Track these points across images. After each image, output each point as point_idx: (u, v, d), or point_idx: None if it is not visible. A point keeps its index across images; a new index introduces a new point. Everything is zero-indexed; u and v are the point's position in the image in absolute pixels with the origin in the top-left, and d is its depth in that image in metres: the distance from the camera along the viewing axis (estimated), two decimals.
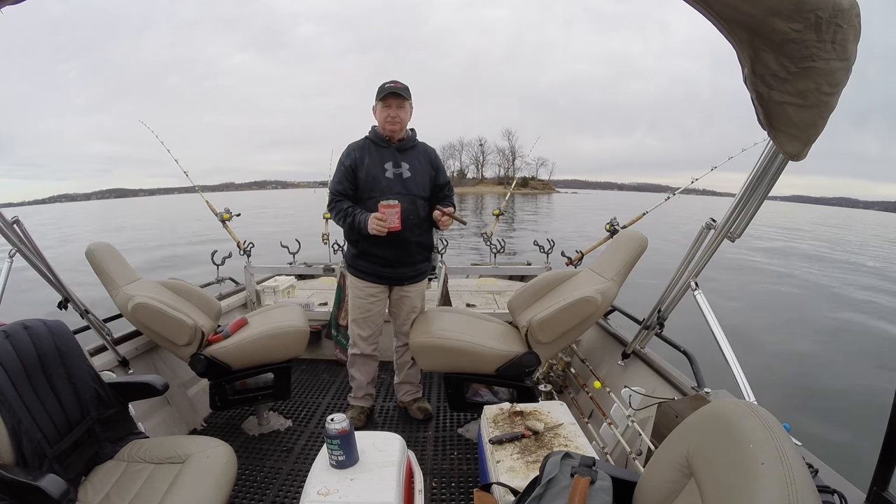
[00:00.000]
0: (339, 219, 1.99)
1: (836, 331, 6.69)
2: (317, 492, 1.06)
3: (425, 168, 2.07)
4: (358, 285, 2.10)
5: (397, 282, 2.10)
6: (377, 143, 2.03)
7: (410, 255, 2.06)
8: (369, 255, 2.03)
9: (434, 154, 2.15)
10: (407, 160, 2.03)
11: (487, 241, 4.29)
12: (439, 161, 2.16)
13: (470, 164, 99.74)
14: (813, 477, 0.91)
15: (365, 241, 1.99)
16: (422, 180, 2.05)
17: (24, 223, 1.61)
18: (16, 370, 1.10)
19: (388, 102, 1.94)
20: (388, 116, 1.95)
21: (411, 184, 2.02)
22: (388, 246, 1.97)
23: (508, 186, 5.62)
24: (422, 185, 2.04)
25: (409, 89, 1.98)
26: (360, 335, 2.17)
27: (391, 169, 2.00)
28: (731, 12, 0.72)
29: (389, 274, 2.06)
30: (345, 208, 1.96)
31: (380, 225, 1.84)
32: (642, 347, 2.01)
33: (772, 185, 1.21)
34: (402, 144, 2.04)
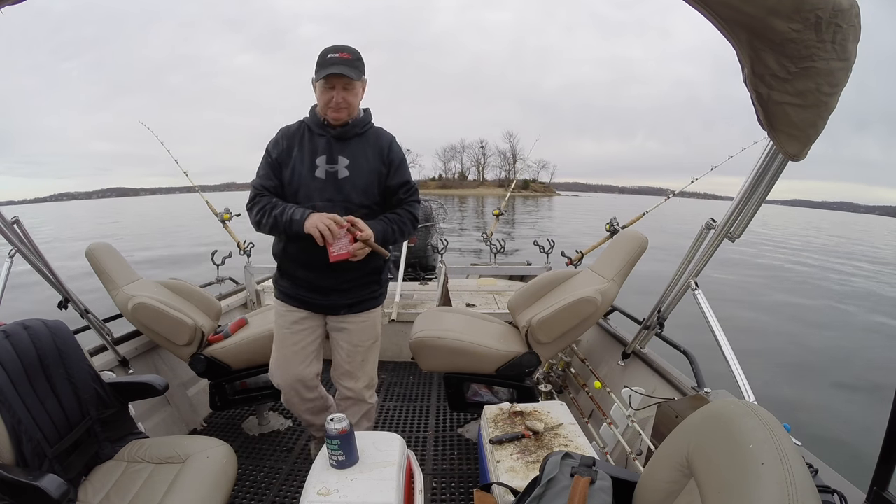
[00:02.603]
0: (261, 215, 1.43)
1: (836, 330, 6.68)
2: (317, 492, 1.05)
3: (373, 165, 1.50)
4: (279, 310, 1.59)
5: (331, 310, 1.58)
6: (312, 130, 1.50)
7: (346, 282, 1.52)
8: (292, 277, 1.55)
9: (389, 144, 1.55)
10: (348, 153, 1.48)
11: (487, 242, 4.30)
12: (396, 153, 1.55)
13: (471, 165, 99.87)
14: (813, 477, 0.91)
15: (287, 259, 1.54)
16: (364, 181, 1.48)
17: (23, 223, 1.61)
18: (16, 370, 1.10)
19: (331, 83, 1.40)
20: (329, 101, 1.42)
21: (348, 186, 1.47)
22: (315, 267, 1.47)
23: (509, 188, 5.62)
24: (363, 188, 1.48)
25: (362, 60, 1.46)
26: (276, 367, 1.63)
27: (323, 165, 1.46)
28: (730, 12, 0.73)
29: (319, 301, 1.55)
30: (271, 201, 1.44)
31: (325, 225, 1.33)
32: (642, 347, 2.01)
33: (771, 185, 1.21)
34: (345, 131, 1.48)
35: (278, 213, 1.41)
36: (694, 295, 1.60)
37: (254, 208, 1.47)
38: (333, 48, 1.42)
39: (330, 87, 1.41)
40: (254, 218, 1.47)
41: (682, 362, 1.76)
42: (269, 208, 1.43)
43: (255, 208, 1.46)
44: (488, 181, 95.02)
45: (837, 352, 5.72)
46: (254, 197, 1.48)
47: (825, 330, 6.68)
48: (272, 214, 1.42)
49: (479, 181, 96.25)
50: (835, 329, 6.78)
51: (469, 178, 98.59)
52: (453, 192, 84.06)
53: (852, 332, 6.66)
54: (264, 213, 1.43)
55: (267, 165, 1.50)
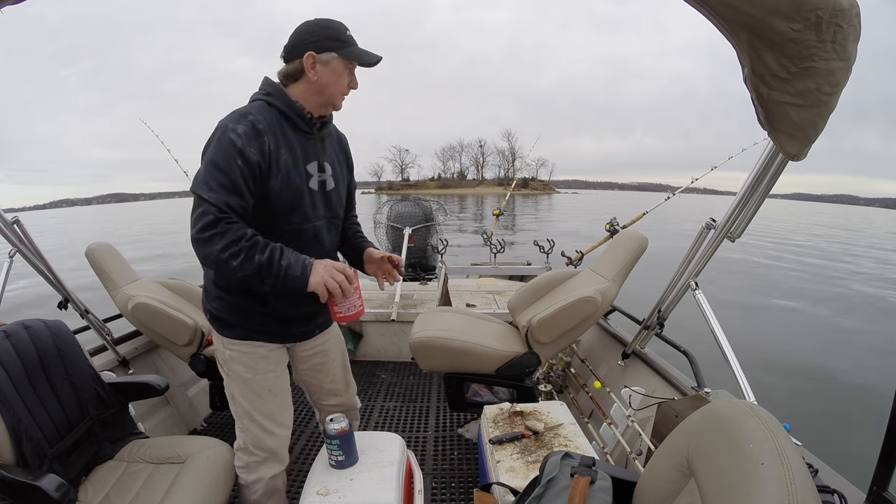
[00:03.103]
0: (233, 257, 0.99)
1: (836, 329, 6.69)
2: (316, 492, 1.06)
3: (345, 170, 1.32)
4: (244, 350, 1.20)
5: (304, 336, 1.33)
6: (296, 125, 1.14)
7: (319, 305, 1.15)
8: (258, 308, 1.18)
9: (347, 142, 1.35)
10: (328, 157, 1.23)
11: (487, 241, 4.30)
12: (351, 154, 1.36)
13: (470, 165, 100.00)
14: (813, 477, 0.91)
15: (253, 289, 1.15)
16: (343, 192, 1.30)
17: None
18: (16, 370, 1.10)
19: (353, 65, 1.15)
20: (351, 84, 1.17)
21: (335, 200, 1.26)
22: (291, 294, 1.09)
23: (508, 187, 5.63)
24: (342, 201, 1.31)
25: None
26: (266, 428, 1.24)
27: (315, 174, 1.18)
28: (731, 12, 0.72)
29: (295, 329, 1.29)
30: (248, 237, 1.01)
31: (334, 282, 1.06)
32: (642, 347, 2.01)
33: (772, 184, 1.22)
34: (328, 129, 1.24)
35: (264, 262, 1.00)
36: (694, 295, 1.60)
37: (216, 241, 0.97)
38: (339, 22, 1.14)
39: (352, 68, 1.16)
40: (217, 254, 0.98)
41: (682, 362, 1.76)
42: (247, 249, 0.99)
43: (219, 242, 0.98)
44: (487, 180, 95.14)
45: (838, 351, 5.72)
46: (214, 222, 0.97)
47: (826, 329, 6.68)
48: (254, 261, 0.99)
49: (478, 180, 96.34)
50: (836, 328, 6.79)
51: (468, 177, 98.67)
52: (453, 191, 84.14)
53: (853, 331, 6.66)
54: (239, 255, 0.99)
55: (237, 172, 1.01)
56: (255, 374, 1.21)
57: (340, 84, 1.14)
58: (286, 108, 1.12)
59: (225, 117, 1.06)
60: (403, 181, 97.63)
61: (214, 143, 1.03)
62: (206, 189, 1.00)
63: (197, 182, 1.02)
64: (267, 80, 1.16)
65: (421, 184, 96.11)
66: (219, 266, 1.03)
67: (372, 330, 3.00)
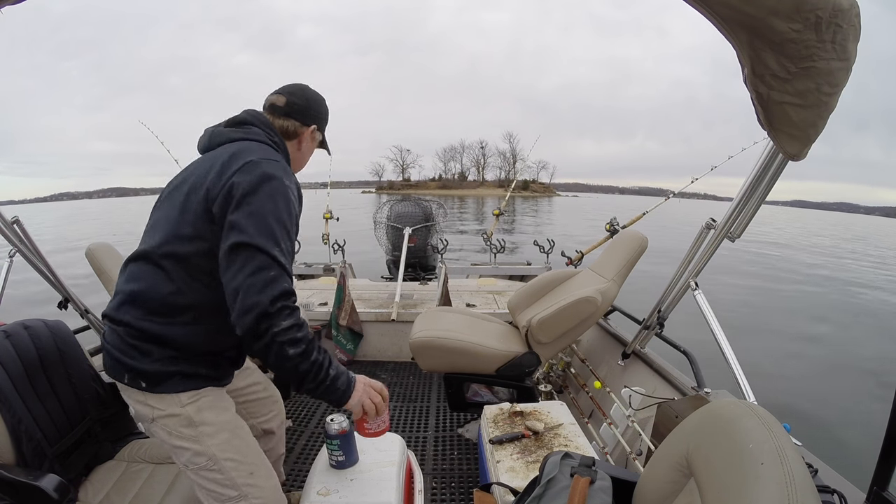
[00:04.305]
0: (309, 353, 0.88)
1: (837, 329, 6.69)
2: (317, 492, 1.05)
3: None
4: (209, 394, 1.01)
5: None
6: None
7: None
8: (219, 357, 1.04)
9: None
10: None
11: (487, 242, 4.30)
12: None
13: (471, 166, 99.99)
14: (813, 477, 0.91)
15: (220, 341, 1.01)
16: None
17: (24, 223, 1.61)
18: (16, 370, 1.10)
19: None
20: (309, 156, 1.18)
21: None
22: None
23: (509, 189, 5.63)
24: None
25: None
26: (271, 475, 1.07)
27: None
28: (731, 12, 0.73)
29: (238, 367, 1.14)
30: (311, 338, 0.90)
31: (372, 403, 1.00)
32: (642, 347, 2.01)
33: (771, 185, 1.22)
34: None
35: (319, 363, 0.90)
36: (694, 295, 1.60)
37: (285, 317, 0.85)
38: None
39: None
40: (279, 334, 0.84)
41: (682, 362, 1.76)
42: (308, 342, 0.88)
43: (288, 319, 0.85)
44: (488, 181, 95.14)
45: (838, 351, 5.72)
46: (288, 293, 0.87)
47: (826, 329, 6.68)
48: (310, 358, 0.88)
49: (479, 182, 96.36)
50: (836, 328, 6.78)
51: (469, 178, 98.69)
52: (453, 192, 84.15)
53: (853, 331, 6.66)
54: (299, 345, 0.86)
55: (295, 235, 0.95)
56: (234, 416, 1.05)
57: (307, 157, 1.17)
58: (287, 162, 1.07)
59: (269, 165, 0.91)
60: (404, 181, 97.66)
61: (275, 197, 0.88)
62: (280, 251, 0.86)
63: (263, 236, 0.85)
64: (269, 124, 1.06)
65: (422, 184, 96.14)
66: (268, 349, 0.84)
67: (372, 330, 3.00)
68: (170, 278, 0.93)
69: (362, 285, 3.92)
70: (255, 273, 0.83)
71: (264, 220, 0.86)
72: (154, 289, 0.93)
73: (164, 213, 0.97)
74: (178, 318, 0.94)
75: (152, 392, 0.94)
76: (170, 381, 0.95)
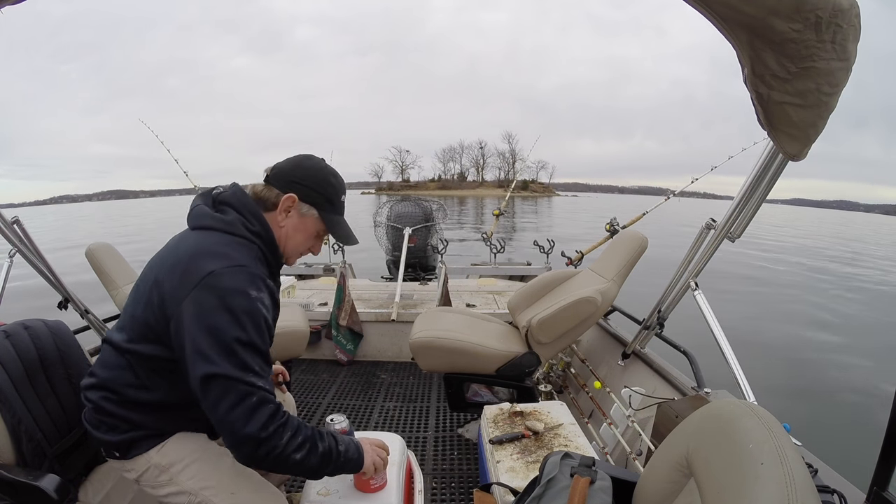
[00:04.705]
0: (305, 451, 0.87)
1: (836, 329, 6.69)
2: (317, 492, 1.06)
3: None
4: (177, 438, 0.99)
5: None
6: (272, 269, 1.01)
7: None
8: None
9: None
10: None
11: (487, 242, 4.30)
12: None
13: (470, 166, 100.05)
14: (813, 477, 0.91)
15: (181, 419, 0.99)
16: None
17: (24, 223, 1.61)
18: (16, 370, 1.10)
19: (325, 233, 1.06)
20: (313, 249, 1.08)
21: None
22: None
23: (508, 189, 5.63)
24: None
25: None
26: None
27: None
28: (730, 12, 0.73)
29: None
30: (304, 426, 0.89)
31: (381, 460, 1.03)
32: (642, 347, 2.01)
33: (771, 185, 1.22)
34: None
35: (326, 450, 0.90)
36: (694, 295, 1.60)
37: (281, 433, 0.84)
38: (342, 183, 1.04)
39: (323, 235, 1.06)
40: (282, 449, 0.84)
41: (682, 362, 1.76)
42: (310, 438, 0.88)
43: (284, 434, 0.84)
44: (487, 182, 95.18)
45: (838, 351, 5.72)
46: (276, 412, 0.84)
47: (826, 329, 6.68)
48: (318, 450, 0.88)
49: (478, 182, 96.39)
50: (836, 328, 6.78)
51: (468, 178, 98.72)
52: (453, 192, 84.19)
53: (854, 331, 6.66)
54: (304, 446, 0.86)
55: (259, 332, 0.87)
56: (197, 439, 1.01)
57: (306, 243, 1.03)
58: (272, 255, 0.99)
59: (233, 274, 0.85)
60: (403, 182, 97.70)
61: (239, 316, 0.83)
62: (254, 375, 0.82)
63: (232, 365, 0.81)
64: (251, 207, 0.96)
65: (421, 184, 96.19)
66: (277, 462, 0.84)
67: (372, 330, 3.00)
68: (135, 373, 0.93)
69: (362, 285, 3.92)
70: (236, 406, 0.81)
71: (230, 347, 0.81)
72: (121, 379, 0.93)
73: (132, 307, 0.94)
74: (146, 408, 0.95)
75: (126, 459, 0.96)
76: (139, 444, 0.95)
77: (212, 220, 0.94)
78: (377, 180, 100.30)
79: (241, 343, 0.82)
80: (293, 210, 0.98)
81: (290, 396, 1.39)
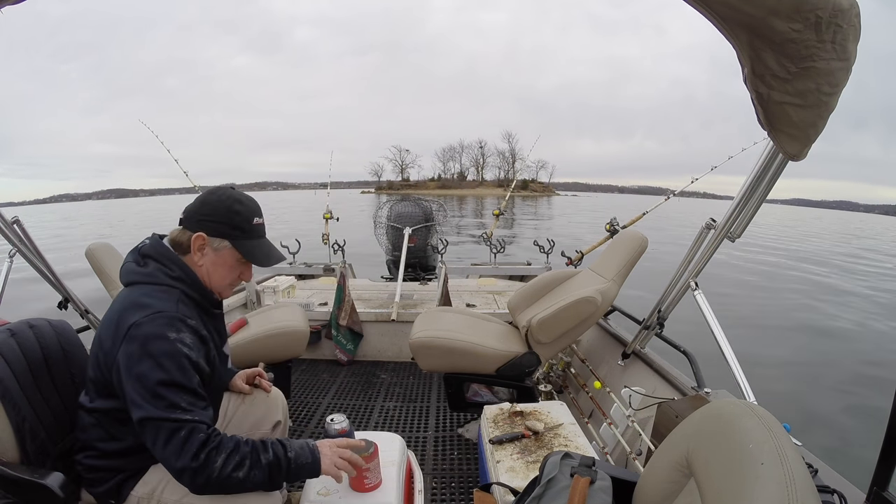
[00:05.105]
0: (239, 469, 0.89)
1: (837, 329, 6.69)
2: (317, 492, 1.06)
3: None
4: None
5: None
6: (203, 307, 1.07)
7: None
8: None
9: None
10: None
11: (487, 242, 4.30)
12: None
13: (470, 166, 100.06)
14: (813, 477, 0.91)
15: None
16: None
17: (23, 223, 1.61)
18: (21, 369, 1.10)
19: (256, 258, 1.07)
20: (243, 276, 1.10)
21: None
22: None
23: (508, 188, 5.63)
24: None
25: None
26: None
27: (227, 349, 1.21)
28: (730, 12, 0.73)
29: None
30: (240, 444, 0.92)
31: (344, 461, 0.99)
32: (642, 347, 2.01)
33: (771, 185, 1.22)
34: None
35: (272, 460, 0.92)
36: (694, 295, 1.60)
37: (214, 458, 0.88)
38: (252, 206, 1.06)
39: (245, 261, 1.07)
40: (219, 472, 0.87)
41: (682, 362, 1.76)
42: (250, 453, 0.91)
43: (217, 457, 0.88)
44: (487, 181, 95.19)
45: (838, 351, 5.72)
46: (206, 440, 0.88)
47: (826, 330, 6.68)
48: (261, 463, 0.91)
49: (478, 181, 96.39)
50: (836, 328, 6.78)
51: (468, 178, 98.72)
52: (452, 192, 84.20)
53: (854, 331, 6.65)
54: (244, 464, 0.90)
55: (198, 387, 0.94)
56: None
57: (230, 276, 1.07)
58: (202, 298, 1.04)
59: (151, 322, 0.91)
60: (403, 181, 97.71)
61: (160, 360, 0.89)
62: (181, 411, 0.88)
63: (159, 408, 0.87)
64: (168, 254, 1.02)
65: (421, 184, 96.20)
66: (223, 486, 0.89)
67: (372, 330, 3.00)
68: (104, 428, 1.00)
69: (362, 285, 3.92)
70: (168, 442, 0.87)
71: (154, 391, 0.88)
72: (94, 436, 1.01)
73: (88, 369, 1.02)
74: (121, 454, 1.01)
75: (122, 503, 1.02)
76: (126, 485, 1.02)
77: (136, 274, 1.00)
78: (377, 179, 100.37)
79: (164, 384, 0.88)
80: (206, 247, 1.02)
81: (278, 392, 1.40)
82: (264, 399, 1.35)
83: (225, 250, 1.03)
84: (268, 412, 1.34)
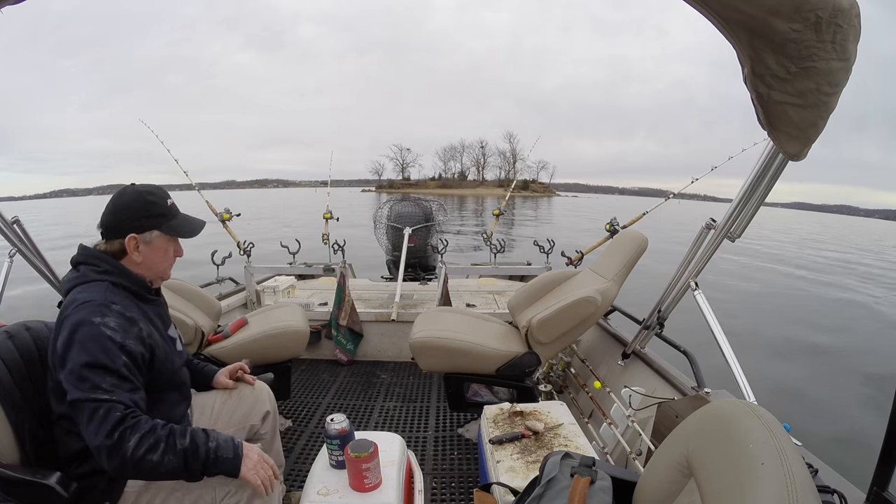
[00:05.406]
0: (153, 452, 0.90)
1: (836, 330, 6.69)
2: (317, 492, 1.06)
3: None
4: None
5: None
6: (145, 298, 1.14)
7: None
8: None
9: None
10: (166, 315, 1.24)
11: (487, 242, 4.30)
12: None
13: (471, 165, 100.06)
14: (813, 477, 0.91)
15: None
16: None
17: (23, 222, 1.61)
18: (19, 371, 1.10)
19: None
20: (177, 253, 1.18)
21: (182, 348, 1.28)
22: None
23: (509, 188, 5.62)
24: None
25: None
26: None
27: (176, 336, 1.25)
28: (731, 12, 0.73)
29: None
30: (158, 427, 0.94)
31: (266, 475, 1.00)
32: (642, 347, 2.01)
33: (771, 185, 1.22)
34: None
35: (188, 447, 0.93)
36: (694, 295, 1.60)
37: (127, 437, 0.89)
38: (160, 192, 1.14)
39: (174, 239, 1.16)
40: (132, 452, 0.88)
41: (682, 362, 1.76)
42: (165, 437, 0.92)
43: (131, 437, 0.89)
44: (488, 181, 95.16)
45: (838, 351, 5.72)
46: (121, 419, 0.90)
47: (826, 330, 6.68)
48: (177, 448, 0.92)
49: (478, 181, 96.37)
50: (836, 329, 6.78)
51: (469, 178, 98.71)
52: (453, 191, 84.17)
53: (854, 331, 6.65)
54: (158, 447, 0.91)
55: (124, 369, 0.95)
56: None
57: (167, 259, 1.16)
58: (132, 284, 1.10)
59: (78, 311, 0.97)
60: (404, 180, 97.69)
61: (85, 343, 0.93)
62: (102, 392, 0.91)
63: (82, 390, 0.90)
64: (96, 254, 1.08)
65: (421, 183, 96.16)
66: (138, 468, 0.90)
67: (372, 330, 3.00)
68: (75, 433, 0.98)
69: (362, 285, 3.92)
70: (89, 422, 0.90)
71: (80, 374, 0.92)
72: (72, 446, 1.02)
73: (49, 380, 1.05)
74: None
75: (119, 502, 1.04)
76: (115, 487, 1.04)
77: (70, 281, 1.07)
78: (378, 178, 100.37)
79: (88, 367, 0.92)
80: (140, 245, 1.09)
81: (262, 384, 1.41)
82: (250, 392, 1.37)
83: (156, 239, 1.11)
84: (255, 404, 1.35)
